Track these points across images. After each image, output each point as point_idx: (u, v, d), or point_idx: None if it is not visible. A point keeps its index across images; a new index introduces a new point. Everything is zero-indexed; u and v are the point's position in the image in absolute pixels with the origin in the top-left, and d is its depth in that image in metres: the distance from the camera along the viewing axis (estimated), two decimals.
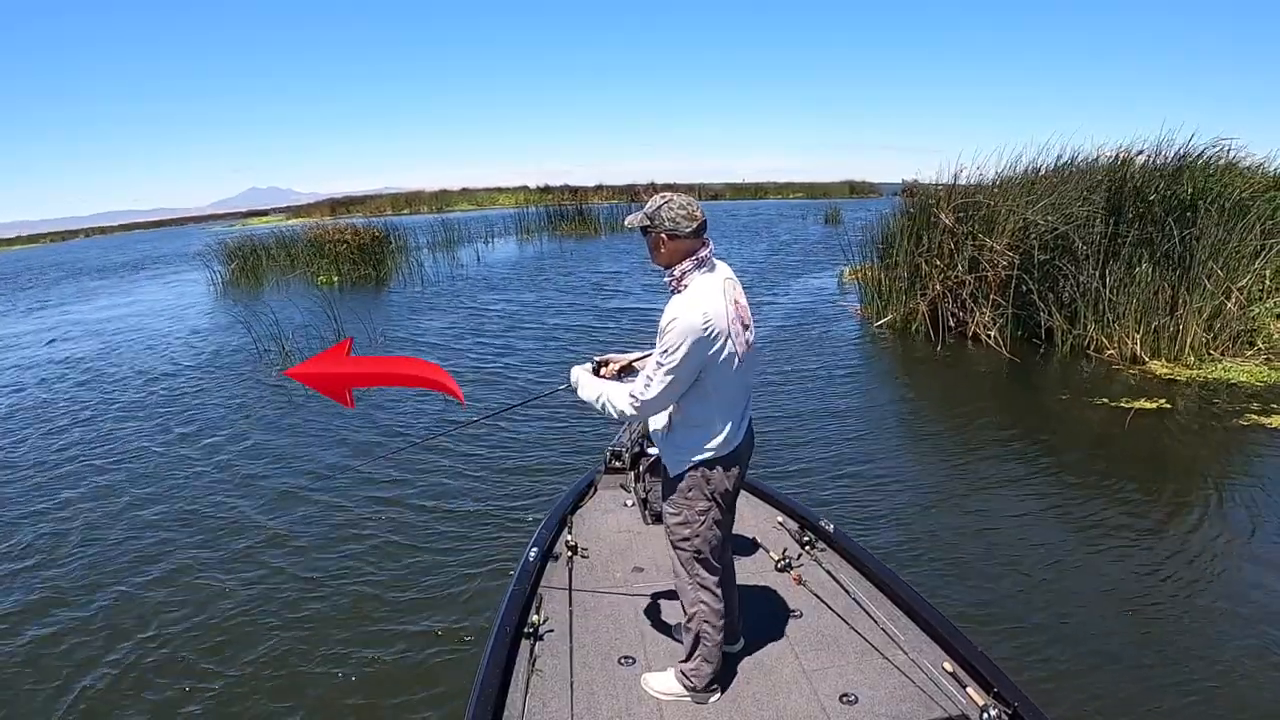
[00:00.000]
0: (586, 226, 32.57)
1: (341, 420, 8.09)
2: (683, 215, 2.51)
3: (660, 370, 2.47)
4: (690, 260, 2.53)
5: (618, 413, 2.63)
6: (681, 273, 2.53)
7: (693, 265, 2.53)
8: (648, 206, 2.57)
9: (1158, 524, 5.30)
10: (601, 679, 2.90)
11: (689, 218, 2.51)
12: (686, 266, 2.53)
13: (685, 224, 2.50)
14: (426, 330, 13.17)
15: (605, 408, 2.66)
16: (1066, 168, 11.00)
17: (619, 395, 2.62)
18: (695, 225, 2.51)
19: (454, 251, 26.51)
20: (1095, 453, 6.75)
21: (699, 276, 2.53)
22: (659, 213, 2.52)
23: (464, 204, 68.53)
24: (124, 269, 31.89)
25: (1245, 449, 6.60)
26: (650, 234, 2.57)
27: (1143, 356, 9.06)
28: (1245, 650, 3.87)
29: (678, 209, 2.51)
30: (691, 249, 2.53)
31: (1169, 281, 8.93)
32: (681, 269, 2.53)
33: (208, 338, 13.41)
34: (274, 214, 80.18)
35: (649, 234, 2.58)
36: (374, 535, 5.49)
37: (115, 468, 7.14)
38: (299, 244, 21.86)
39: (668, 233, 2.51)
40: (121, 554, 5.43)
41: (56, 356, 12.79)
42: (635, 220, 2.61)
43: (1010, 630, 4.09)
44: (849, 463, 6.52)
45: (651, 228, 2.55)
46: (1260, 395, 7.75)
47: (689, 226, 2.51)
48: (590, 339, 11.71)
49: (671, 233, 2.51)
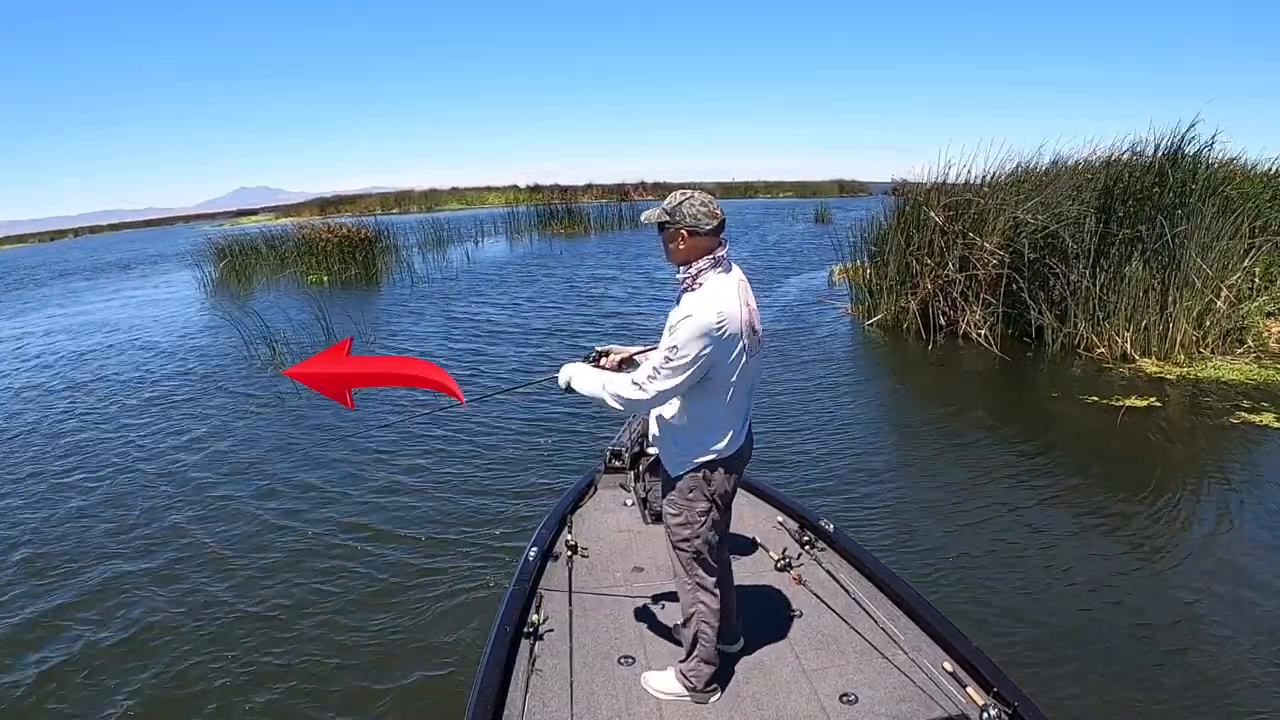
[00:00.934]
0: (576, 226, 32.59)
1: (333, 417, 8.08)
2: (704, 212, 2.49)
3: (668, 364, 2.45)
4: (707, 259, 2.51)
5: (619, 400, 2.59)
6: (697, 270, 2.51)
7: (709, 264, 2.51)
8: (667, 202, 2.55)
9: (1150, 521, 5.32)
10: (601, 679, 2.89)
11: (710, 215, 2.50)
12: (703, 265, 2.51)
13: (706, 221, 2.49)
14: (417, 330, 13.13)
15: (605, 396, 2.63)
16: (1057, 165, 11.07)
17: (621, 382, 2.59)
18: (716, 223, 2.50)
19: (444, 251, 26.45)
20: (1087, 451, 6.79)
21: (715, 276, 2.51)
22: (680, 208, 2.51)
23: (453, 203, 68.44)
24: (113, 269, 31.65)
25: (1236, 447, 6.64)
26: (668, 229, 2.54)
27: (1133, 354, 9.11)
28: (1242, 646, 3.90)
29: (699, 205, 2.50)
30: (709, 247, 2.52)
31: (1159, 280, 8.99)
32: (698, 267, 2.51)
33: (197, 338, 13.31)
34: (263, 213, 79.84)
35: (667, 229, 2.55)
36: (372, 535, 5.47)
37: (102, 468, 7.08)
38: (289, 243, 21.76)
39: (689, 229, 2.49)
40: (108, 557, 5.39)
41: (45, 359, 12.68)
42: (654, 216, 2.59)
43: (1005, 627, 4.11)
44: (839, 461, 6.55)
45: (671, 223, 2.52)
46: (1250, 393, 7.80)
47: (710, 224, 2.49)
48: (586, 337, 11.69)
49: (693, 229, 2.49)
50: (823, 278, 16.99)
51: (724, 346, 2.46)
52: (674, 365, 2.44)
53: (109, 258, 38.81)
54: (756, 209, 47.73)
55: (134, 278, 26.83)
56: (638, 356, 2.95)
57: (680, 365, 2.43)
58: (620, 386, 2.59)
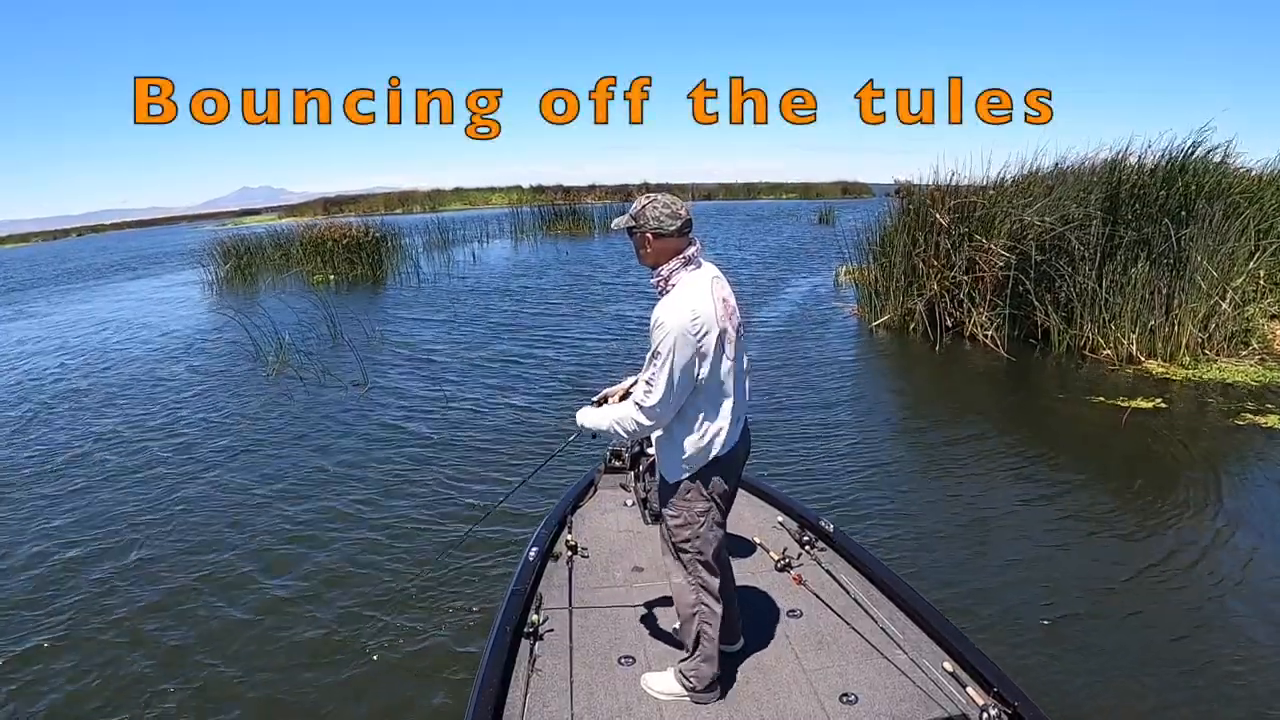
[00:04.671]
0: (580, 226, 32.60)
1: (341, 418, 8.11)
2: (667, 214, 2.51)
3: (655, 374, 2.46)
4: (677, 259, 2.53)
5: (633, 427, 2.60)
6: (669, 272, 2.53)
7: (680, 264, 2.53)
8: (632, 208, 2.58)
9: (1156, 522, 5.31)
10: (601, 679, 2.90)
11: (673, 216, 2.51)
12: (674, 265, 2.53)
13: (670, 222, 2.51)
14: (427, 333, 13.04)
15: (618, 430, 2.65)
16: (1062, 166, 11.06)
17: (625, 409, 2.61)
18: (680, 224, 2.52)
19: (449, 251, 26.48)
20: (1092, 451, 6.77)
21: (686, 275, 2.53)
22: (643, 212, 2.53)
23: (457, 203, 68.45)
24: (117, 268, 31.67)
25: (1241, 448, 6.62)
26: (635, 234, 2.57)
27: (1139, 356, 9.09)
28: (1248, 647, 3.88)
29: (661, 208, 2.52)
30: (678, 248, 2.54)
31: (1164, 282, 8.96)
32: (669, 268, 2.53)
33: (205, 338, 13.34)
34: (266, 213, 79.88)
35: (634, 234, 2.58)
36: (370, 535, 5.47)
37: (110, 468, 7.10)
38: (294, 243, 21.78)
39: (653, 232, 2.52)
40: (111, 557, 5.41)
41: (50, 359, 12.74)
42: (620, 222, 2.62)
43: (1009, 629, 4.09)
44: (843, 461, 6.53)
45: (636, 228, 2.55)
46: (1255, 395, 7.79)
47: (673, 225, 2.51)
48: (599, 343, 11.67)
49: (657, 232, 2.52)
50: (829, 279, 16.96)
51: (703, 344, 2.46)
52: (660, 372, 2.44)
53: (113, 257, 38.85)
54: (759, 210, 47.71)
55: (139, 277, 26.88)
56: (632, 388, 2.96)
57: (667, 370, 2.43)
58: (624, 412, 2.61)
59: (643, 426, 2.58)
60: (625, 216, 2.60)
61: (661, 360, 2.43)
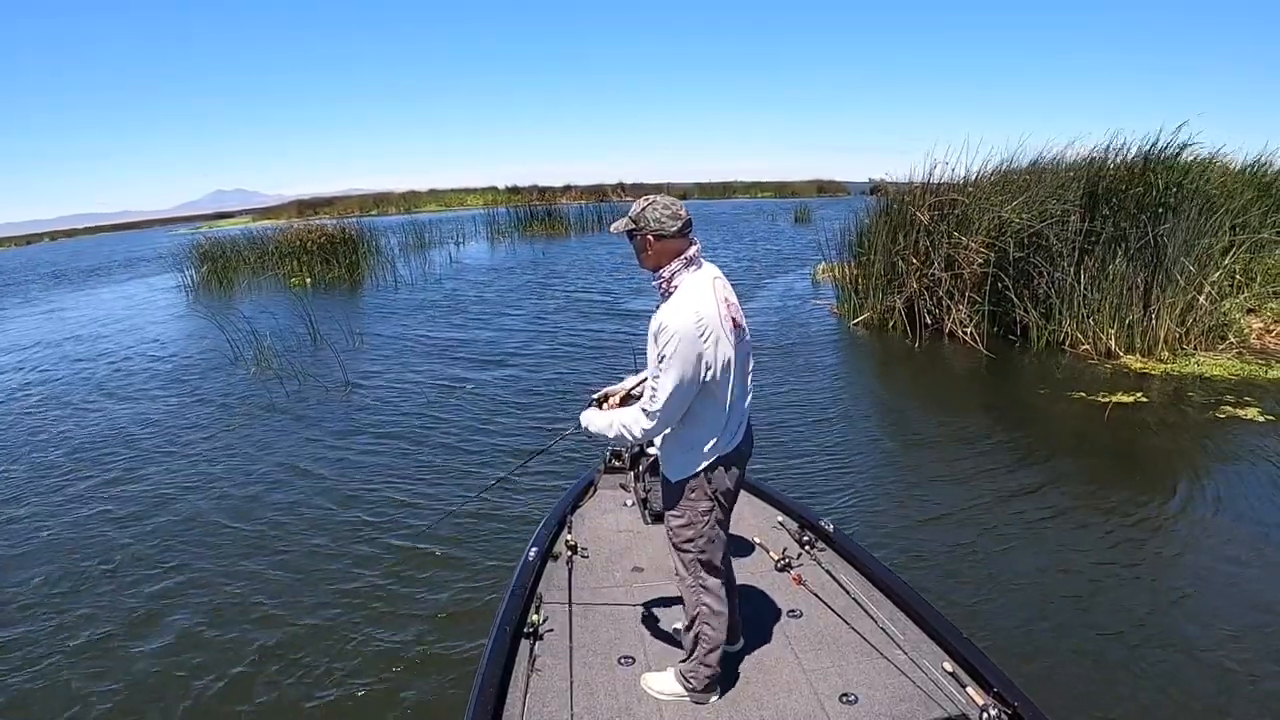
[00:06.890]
0: (556, 227, 32.57)
1: (324, 419, 8.04)
2: (668, 215, 2.49)
3: (661, 378, 2.44)
4: (679, 260, 2.51)
5: (639, 432, 2.57)
6: (671, 274, 2.51)
7: (681, 265, 2.51)
8: (631, 210, 2.56)
9: (1139, 514, 5.37)
10: (601, 679, 2.88)
11: (674, 217, 2.50)
12: (675, 267, 2.51)
13: (670, 223, 2.49)
14: (407, 333, 12.93)
15: (621, 433, 2.62)
16: (1040, 163, 11.14)
17: (630, 414, 2.58)
18: (680, 224, 2.50)
19: (426, 253, 26.35)
20: (1074, 446, 6.84)
21: (688, 276, 2.52)
22: (643, 214, 2.51)
23: (432, 205, 68.19)
24: (92, 273, 31.11)
25: (1220, 440, 6.72)
26: (636, 237, 2.55)
27: (1117, 351, 9.21)
28: (1232, 635, 3.94)
29: (662, 209, 2.50)
30: (679, 249, 2.52)
31: (1142, 277, 9.08)
32: (670, 270, 2.52)
33: (181, 343, 13.15)
34: (241, 216, 79.19)
35: (635, 237, 2.55)
36: (370, 535, 5.44)
37: (88, 474, 6.98)
38: (270, 245, 21.58)
39: (654, 234, 2.50)
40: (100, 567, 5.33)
41: (27, 364, 12.53)
42: (620, 226, 2.59)
43: (998, 623, 4.12)
44: (823, 460, 6.54)
45: (637, 230, 2.53)
46: (1233, 388, 7.90)
47: (674, 226, 2.49)
48: (581, 344, 11.66)
49: (658, 233, 2.50)
50: (806, 277, 17.03)
51: (708, 345, 2.44)
52: (667, 376, 2.42)
53: (87, 262, 38.16)
54: (735, 209, 47.77)
55: (115, 281, 26.43)
56: (635, 389, 2.94)
57: (673, 374, 2.42)
58: (629, 418, 2.58)
59: (648, 431, 2.56)
60: (625, 220, 2.57)
61: (666, 365, 2.41)
